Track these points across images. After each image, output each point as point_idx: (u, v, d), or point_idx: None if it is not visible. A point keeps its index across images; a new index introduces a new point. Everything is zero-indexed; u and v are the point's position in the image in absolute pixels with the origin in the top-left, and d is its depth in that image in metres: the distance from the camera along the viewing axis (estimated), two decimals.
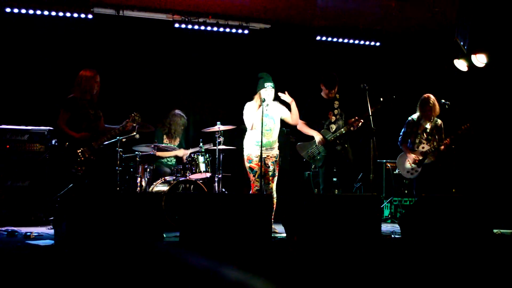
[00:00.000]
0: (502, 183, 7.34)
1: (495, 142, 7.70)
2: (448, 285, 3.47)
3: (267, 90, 5.62)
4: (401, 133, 6.37)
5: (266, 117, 5.51)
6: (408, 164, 6.25)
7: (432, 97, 6.21)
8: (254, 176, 5.64)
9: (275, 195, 5.70)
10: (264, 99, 5.53)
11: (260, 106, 5.56)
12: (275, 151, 5.77)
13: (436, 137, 6.22)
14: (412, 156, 6.19)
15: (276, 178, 5.76)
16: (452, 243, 4.63)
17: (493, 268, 3.86)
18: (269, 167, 5.70)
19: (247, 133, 5.78)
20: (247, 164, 5.72)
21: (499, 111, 7.60)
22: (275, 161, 5.75)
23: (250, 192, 5.69)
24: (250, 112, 5.65)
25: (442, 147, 6.10)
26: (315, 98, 6.01)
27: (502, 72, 7.41)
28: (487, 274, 3.70)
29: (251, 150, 5.69)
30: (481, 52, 6.86)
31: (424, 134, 6.22)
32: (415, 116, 6.32)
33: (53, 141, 6.27)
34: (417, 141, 6.24)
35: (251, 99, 5.85)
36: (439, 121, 6.29)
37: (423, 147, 6.18)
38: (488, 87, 7.71)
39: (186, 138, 7.31)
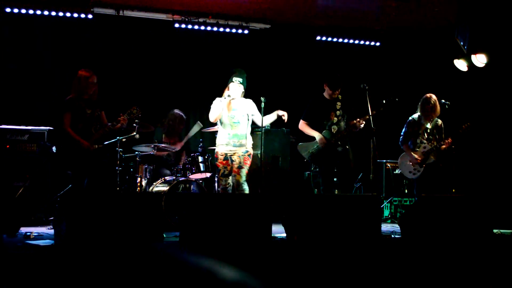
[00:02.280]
0: (502, 183, 7.34)
1: (495, 142, 7.70)
2: (448, 285, 3.47)
3: (234, 85, 5.66)
4: (401, 133, 6.35)
5: (233, 111, 5.60)
6: (410, 164, 6.23)
7: (433, 97, 6.19)
8: (217, 174, 5.68)
9: (245, 187, 5.65)
10: (229, 95, 5.62)
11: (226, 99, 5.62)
12: (245, 149, 5.69)
13: (437, 137, 6.21)
14: (414, 156, 6.18)
15: (244, 170, 5.64)
16: (452, 243, 4.63)
17: (493, 268, 3.86)
18: (234, 161, 5.64)
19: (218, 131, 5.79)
20: (215, 162, 5.74)
21: (499, 111, 7.60)
22: (243, 155, 5.65)
23: (216, 189, 5.68)
24: (215, 104, 5.69)
25: (444, 146, 6.09)
26: (317, 99, 5.99)
27: (502, 72, 7.41)
28: (487, 274, 3.70)
29: (219, 147, 5.70)
30: (481, 52, 6.87)
31: (425, 134, 6.21)
32: (415, 115, 6.30)
33: (53, 148, 6.25)
34: (418, 141, 6.22)
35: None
36: (439, 121, 6.28)
37: (424, 147, 6.17)
38: (488, 87, 7.71)
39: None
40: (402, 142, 6.33)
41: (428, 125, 6.21)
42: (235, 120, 5.64)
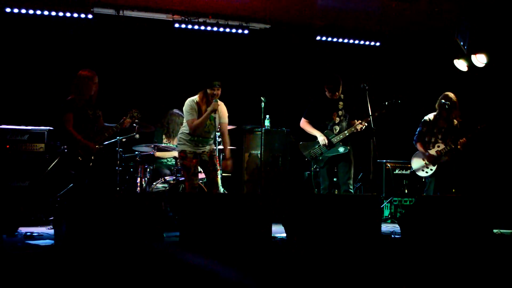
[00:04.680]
0: (502, 183, 7.33)
1: (495, 142, 7.70)
2: (448, 285, 3.47)
3: (215, 91, 5.44)
4: (416, 132, 6.31)
5: (211, 119, 5.44)
6: (423, 163, 6.20)
7: (451, 95, 6.16)
8: (188, 173, 5.40)
9: (222, 190, 5.58)
10: (216, 100, 5.40)
11: (205, 104, 5.41)
12: (209, 146, 5.56)
13: (452, 136, 6.16)
14: (427, 155, 6.15)
15: (220, 173, 5.54)
16: (452, 243, 4.63)
17: (493, 268, 3.86)
18: (207, 162, 5.50)
19: (182, 129, 5.58)
20: (179, 162, 5.52)
21: (499, 111, 7.60)
22: (213, 155, 5.53)
23: (186, 190, 5.49)
24: (193, 110, 5.44)
25: (459, 146, 6.06)
26: (320, 98, 5.99)
27: (502, 72, 7.41)
28: (487, 274, 3.70)
29: (184, 146, 5.46)
30: (481, 52, 6.87)
31: (440, 134, 6.18)
32: (431, 115, 6.26)
33: (63, 147, 6.23)
34: (432, 140, 6.20)
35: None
36: (455, 121, 6.24)
37: (438, 146, 6.14)
38: (488, 87, 7.71)
39: None
40: (416, 141, 6.29)
41: (445, 125, 6.17)
42: (207, 129, 5.49)
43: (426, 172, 6.19)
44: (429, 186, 6.29)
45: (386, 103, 5.80)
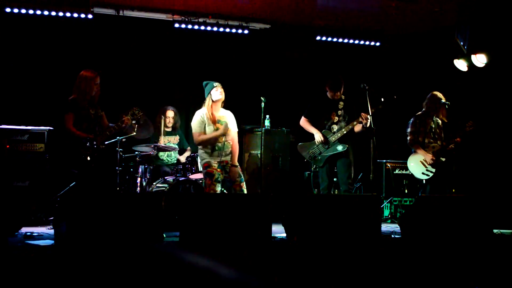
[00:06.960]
0: (502, 183, 7.33)
1: (495, 142, 7.70)
2: (448, 285, 3.48)
3: (218, 89, 5.46)
4: (408, 133, 6.26)
5: (218, 123, 5.46)
6: (423, 165, 6.16)
7: (440, 94, 6.16)
8: (211, 179, 5.39)
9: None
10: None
11: (214, 111, 5.44)
12: (229, 156, 5.54)
13: (442, 135, 6.15)
14: (428, 156, 6.11)
15: (244, 183, 5.55)
16: (452, 244, 4.63)
17: (493, 268, 3.86)
18: (231, 171, 5.49)
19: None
20: (203, 171, 5.48)
21: (499, 111, 7.60)
22: (235, 165, 5.52)
23: None
24: (202, 123, 5.44)
25: (452, 146, 6.05)
26: (320, 98, 6.01)
27: (502, 72, 7.41)
28: (487, 274, 3.70)
29: (209, 157, 5.46)
30: (481, 52, 6.87)
31: (431, 133, 6.17)
32: (419, 114, 6.25)
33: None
34: (426, 141, 6.17)
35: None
36: (439, 120, 6.24)
37: (433, 147, 6.13)
38: (488, 87, 7.71)
39: (186, 134, 7.31)
40: (412, 143, 6.21)
41: (432, 124, 6.17)
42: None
43: (427, 175, 6.15)
44: (425, 188, 6.26)
45: (382, 99, 5.81)
